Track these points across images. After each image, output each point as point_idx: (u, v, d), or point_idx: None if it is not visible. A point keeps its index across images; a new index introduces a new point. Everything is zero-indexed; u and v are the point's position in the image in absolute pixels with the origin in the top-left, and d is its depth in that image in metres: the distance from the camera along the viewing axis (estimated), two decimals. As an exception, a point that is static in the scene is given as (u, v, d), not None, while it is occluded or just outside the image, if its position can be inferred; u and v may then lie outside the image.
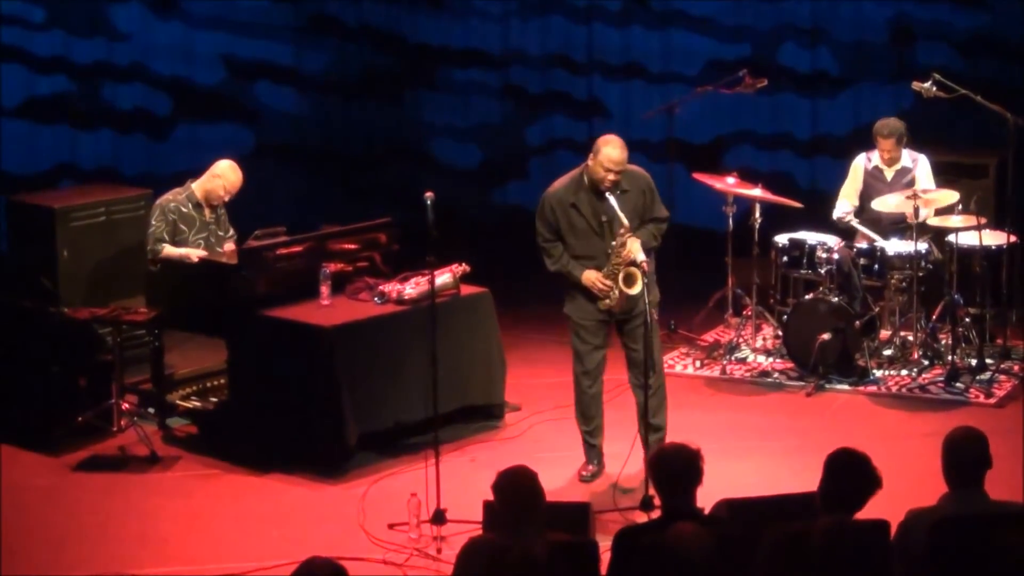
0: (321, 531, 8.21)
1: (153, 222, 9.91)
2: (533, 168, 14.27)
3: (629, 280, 8.49)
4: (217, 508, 8.62)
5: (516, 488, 5.97)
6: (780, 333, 10.73)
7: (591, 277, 8.59)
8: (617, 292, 8.53)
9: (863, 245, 10.58)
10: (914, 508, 6.12)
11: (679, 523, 5.69)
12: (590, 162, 8.55)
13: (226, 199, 10.04)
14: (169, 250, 9.81)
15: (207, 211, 10.02)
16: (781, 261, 10.75)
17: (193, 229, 9.94)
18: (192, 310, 9.56)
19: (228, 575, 7.75)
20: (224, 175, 9.98)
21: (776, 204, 10.89)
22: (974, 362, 10.41)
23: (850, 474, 5.90)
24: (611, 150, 8.48)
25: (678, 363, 10.79)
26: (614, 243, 8.50)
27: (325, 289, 9.38)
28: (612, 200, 8.45)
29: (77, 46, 12.94)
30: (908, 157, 10.78)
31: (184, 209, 9.93)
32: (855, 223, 10.69)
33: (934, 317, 10.60)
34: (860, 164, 10.87)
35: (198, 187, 10.01)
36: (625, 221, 8.45)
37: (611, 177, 8.46)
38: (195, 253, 9.79)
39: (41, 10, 12.76)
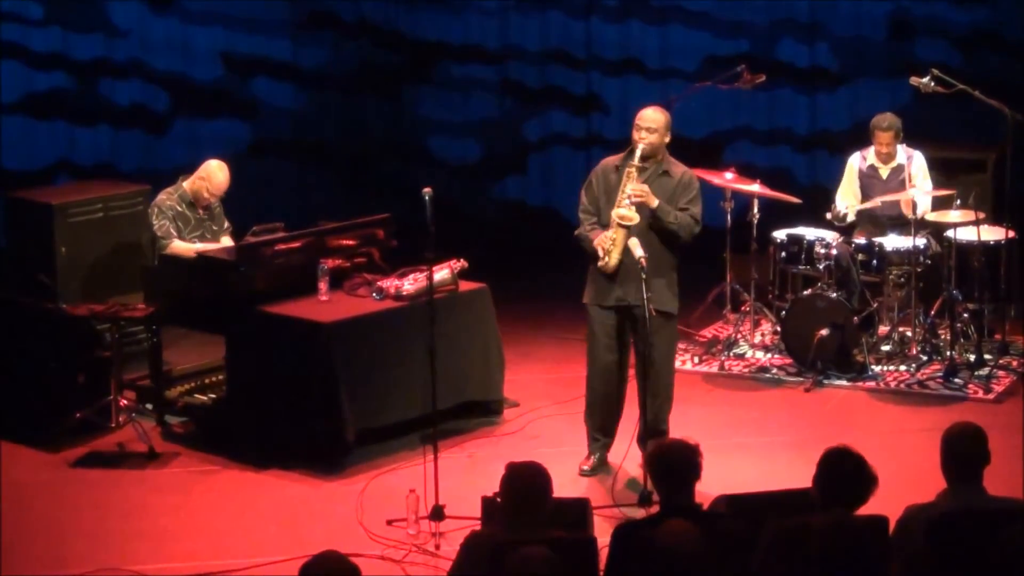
0: (319, 527, 8.20)
1: (155, 222, 9.90)
2: (531, 163, 14.26)
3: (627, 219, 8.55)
4: (215, 504, 8.62)
5: (526, 485, 5.93)
6: (778, 329, 10.73)
7: (601, 237, 8.63)
8: (611, 241, 8.53)
9: (861, 241, 10.58)
10: (913, 504, 6.12)
11: (670, 520, 5.69)
12: None
13: (211, 200, 10.04)
14: (177, 244, 9.81)
15: (199, 209, 10.02)
16: (779, 257, 10.75)
17: (188, 227, 9.94)
18: (190, 306, 9.54)
19: (226, 571, 7.75)
20: (209, 177, 9.97)
21: (774, 200, 10.88)
22: (973, 357, 10.42)
23: (842, 474, 5.89)
24: (642, 110, 8.74)
25: (676, 359, 10.76)
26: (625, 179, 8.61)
27: (323, 285, 9.37)
28: (638, 152, 8.58)
29: (75, 42, 12.93)
30: (903, 154, 10.77)
31: (179, 208, 9.94)
32: (852, 218, 10.70)
33: (932, 312, 10.60)
34: (855, 164, 10.86)
35: (188, 185, 10.01)
36: (638, 154, 8.58)
37: (640, 135, 8.62)
38: (200, 246, 9.79)
39: (39, 6, 12.75)
